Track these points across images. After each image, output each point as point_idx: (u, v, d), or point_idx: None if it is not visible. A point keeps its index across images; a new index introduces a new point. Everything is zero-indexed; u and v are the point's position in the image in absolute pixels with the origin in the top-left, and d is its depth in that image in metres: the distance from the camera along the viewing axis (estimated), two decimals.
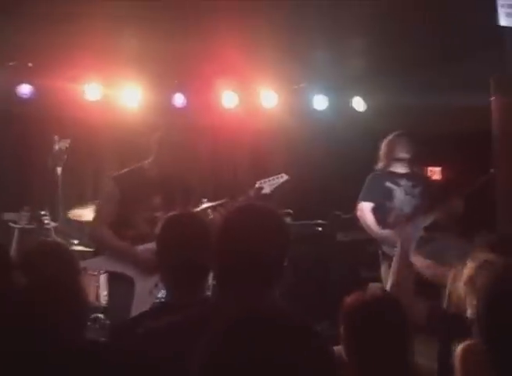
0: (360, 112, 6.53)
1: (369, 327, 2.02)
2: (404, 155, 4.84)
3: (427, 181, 5.28)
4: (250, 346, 1.06)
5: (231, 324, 1.12)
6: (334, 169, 6.75)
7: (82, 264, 3.62)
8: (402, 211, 4.76)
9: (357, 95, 6.54)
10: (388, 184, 4.84)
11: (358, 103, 6.54)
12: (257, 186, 4.06)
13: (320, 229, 6.27)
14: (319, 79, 6.42)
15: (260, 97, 6.42)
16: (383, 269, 4.77)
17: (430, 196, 4.83)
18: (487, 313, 1.35)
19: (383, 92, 6.23)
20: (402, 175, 4.88)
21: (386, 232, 4.68)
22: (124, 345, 1.92)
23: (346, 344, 2.08)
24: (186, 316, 1.79)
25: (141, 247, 3.60)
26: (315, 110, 6.57)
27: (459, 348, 2.31)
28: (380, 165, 4.95)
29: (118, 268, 3.64)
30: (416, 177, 4.94)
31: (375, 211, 4.80)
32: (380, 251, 4.80)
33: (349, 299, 2.15)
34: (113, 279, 3.75)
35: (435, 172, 6.81)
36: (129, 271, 3.59)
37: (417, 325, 2.32)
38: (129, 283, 3.55)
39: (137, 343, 1.83)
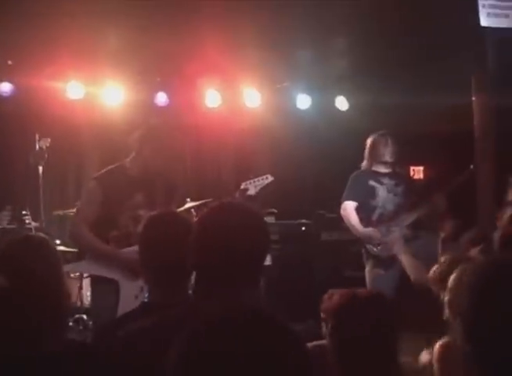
0: (343, 111, 6.56)
1: (356, 324, 2.02)
2: (388, 159, 4.87)
3: (410, 180, 5.33)
4: (230, 344, 1.06)
5: (210, 322, 1.11)
6: (318, 168, 6.77)
7: (65, 268, 3.59)
8: (385, 210, 4.80)
9: (340, 94, 6.56)
10: (371, 182, 4.86)
11: (341, 103, 6.56)
12: (242, 187, 4.05)
13: (304, 228, 6.28)
14: (302, 78, 6.43)
15: (243, 96, 6.42)
16: (367, 268, 4.79)
17: (412, 194, 4.86)
18: (474, 312, 1.35)
19: (365, 91, 6.26)
20: (384, 174, 4.91)
21: (369, 230, 4.70)
22: (107, 346, 1.90)
23: (331, 341, 2.08)
24: (168, 316, 1.78)
25: (125, 250, 3.57)
26: (298, 109, 6.58)
27: (437, 345, 2.33)
28: (363, 164, 4.98)
29: (103, 272, 3.59)
30: (399, 176, 4.97)
31: (358, 209, 4.80)
32: (363, 250, 4.82)
33: (334, 296, 2.13)
34: (98, 283, 3.70)
35: (418, 171, 6.86)
36: (114, 275, 3.54)
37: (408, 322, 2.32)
38: (114, 287, 3.51)
39: (119, 345, 1.81)
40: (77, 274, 4.93)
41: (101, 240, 3.63)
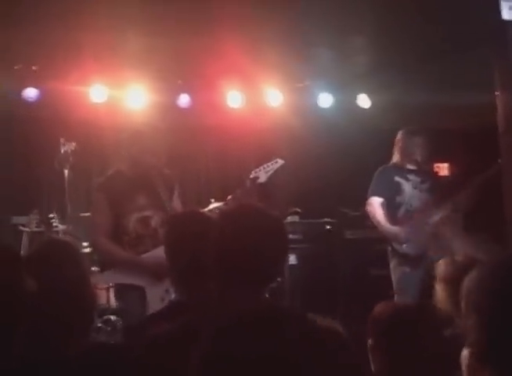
0: (365, 109, 6.53)
1: (404, 338, 1.95)
2: (417, 158, 4.84)
3: (436, 176, 5.29)
4: (254, 342, 1.06)
5: (233, 322, 1.12)
6: (341, 167, 6.75)
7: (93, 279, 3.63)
8: (410, 206, 4.76)
9: (362, 92, 6.53)
10: (397, 178, 4.83)
11: (364, 100, 6.53)
12: (252, 176, 4.03)
13: (328, 227, 6.27)
14: (324, 77, 6.41)
15: (265, 96, 6.42)
16: (392, 265, 4.75)
17: (438, 191, 4.82)
18: (490, 312, 1.32)
19: (388, 88, 6.21)
20: (410, 170, 4.88)
21: (395, 228, 4.66)
22: (135, 348, 1.92)
23: (377, 355, 2.03)
24: (195, 316, 1.79)
25: (144, 256, 3.60)
26: (320, 108, 6.56)
27: (464, 353, 2.28)
28: (394, 160, 4.93)
29: (127, 279, 3.63)
30: (425, 173, 4.94)
31: (384, 205, 4.77)
32: (389, 248, 4.79)
33: (380, 309, 2.08)
34: (124, 291, 3.74)
35: (442, 168, 6.80)
36: (138, 281, 3.58)
37: None
38: (140, 293, 3.54)
39: (146, 346, 1.83)
40: (105, 286, 4.98)
41: (117, 245, 3.67)
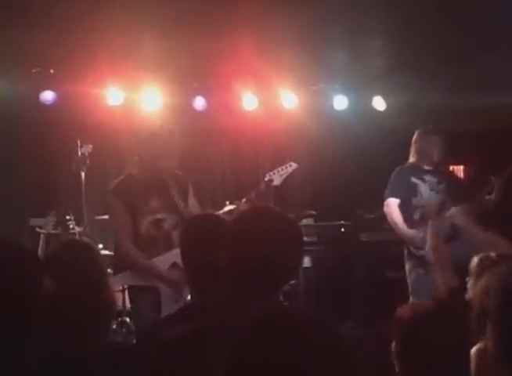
0: (381, 111, 6.51)
1: (428, 341, 1.90)
2: (435, 159, 4.81)
3: (452, 177, 5.24)
4: (276, 345, 1.07)
5: (255, 324, 1.12)
6: (356, 169, 6.74)
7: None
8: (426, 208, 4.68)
9: (377, 94, 6.52)
10: (413, 179, 4.80)
11: (379, 103, 6.52)
12: (266, 178, 4.05)
13: (343, 229, 6.26)
14: (339, 79, 6.40)
15: (280, 98, 6.43)
16: (407, 267, 4.73)
17: (455, 192, 4.76)
18: (504, 314, 1.33)
19: (403, 90, 6.20)
20: (427, 171, 4.85)
21: (412, 232, 4.63)
22: (148, 349, 1.93)
23: (400, 358, 1.98)
24: (206, 319, 1.80)
25: (155, 260, 3.62)
26: (335, 110, 6.56)
27: (473, 350, 2.27)
28: (411, 160, 4.91)
29: (142, 281, 3.65)
30: (441, 173, 4.90)
31: (401, 207, 4.74)
32: (405, 250, 4.76)
33: (402, 312, 2.02)
34: (138, 293, 3.76)
35: (458, 170, 6.77)
36: (153, 282, 3.60)
37: None
38: (155, 294, 3.56)
39: (160, 348, 1.83)
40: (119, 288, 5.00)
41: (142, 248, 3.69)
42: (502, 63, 4.85)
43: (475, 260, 2.72)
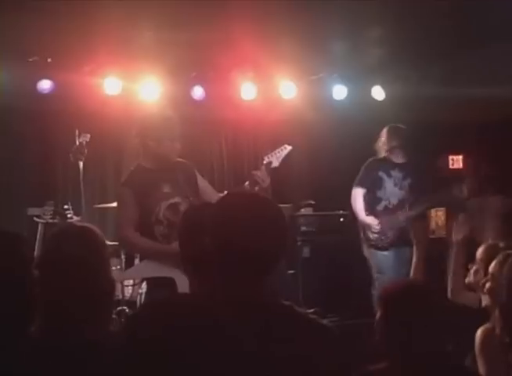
0: (380, 101, 6.49)
1: (412, 314, 2.05)
2: (395, 143, 5.05)
3: (421, 173, 5.33)
4: (257, 333, 1.06)
5: (231, 312, 1.11)
6: (355, 159, 6.72)
7: (119, 277, 3.61)
8: (389, 203, 5.13)
9: (376, 84, 6.50)
10: (380, 173, 5.17)
11: (378, 92, 6.50)
12: (266, 161, 4.08)
13: (342, 219, 6.26)
14: (338, 69, 6.38)
15: (278, 88, 6.41)
16: (364, 248, 5.25)
17: (418, 188, 5.12)
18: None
19: (403, 80, 6.18)
20: (395, 165, 5.15)
21: (370, 219, 5.11)
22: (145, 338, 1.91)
23: (381, 331, 2.10)
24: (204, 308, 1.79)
25: (174, 244, 3.61)
26: (334, 100, 6.54)
27: (478, 332, 2.35)
28: (381, 154, 5.26)
29: (156, 272, 3.66)
30: (410, 168, 5.10)
31: (365, 197, 5.20)
32: (361, 234, 5.22)
33: (388, 286, 2.22)
34: (154, 285, 3.77)
35: (457, 160, 6.77)
36: (167, 272, 3.59)
37: None
38: (170, 284, 3.55)
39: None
40: (131, 282, 5.01)
41: (150, 238, 3.70)
42: (503, 56, 4.83)
43: (481, 248, 2.80)
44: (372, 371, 2.12)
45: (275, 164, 4.10)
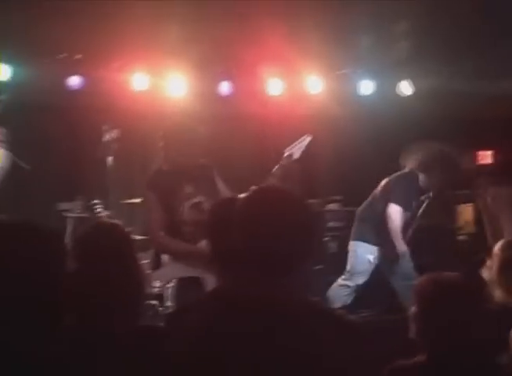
0: (407, 96, 6.44)
1: (445, 308, 2.05)
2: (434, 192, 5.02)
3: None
4: (268, 331, 1.05)
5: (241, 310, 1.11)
6: (381, 154, 6.69)
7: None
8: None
9: (404, 78, 6.45)
10: (413, 202, 4.99)
11: (406, 87, 6.44)
12: (286, 153, 4.07)
13: None
14: (365, 64, 6.34)
15: (305, 83, 6.39)
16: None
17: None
18: None
19: (431, 74, 6.12)
20: (418, 193, 5.03)
21: (405, 248, 4.86)
22: (173, 332, 1.93)
23: (419, 325, 2.10)
24: (234, 303, 1.79)
25: (202, 243, 3.64)
26: (360, 96, 6.50)
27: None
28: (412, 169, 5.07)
29: (183, 272, 3.69)
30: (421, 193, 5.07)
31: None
32: (359, 244, 5.05)
33: (423, 279, 2.18)
34: (182, 286, 3.81)
35: (486, 156, 6.69)
36: (195, 272, 3.62)
37: None
38: (198, 284, 3.58)
39: (184, 331, 1.83)
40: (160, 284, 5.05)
41: (179, 238, 3.73)
42: None
43: (499, 244, 2.80)
44: (407, 366, 2.10)
45: (296, 155, 4.08)
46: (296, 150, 4.08)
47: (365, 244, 5.06)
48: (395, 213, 4.85)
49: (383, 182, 5.17)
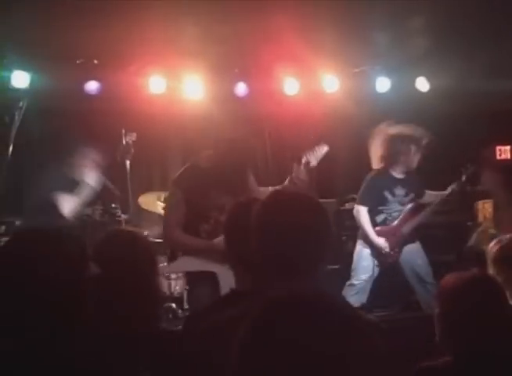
0: (424, 93, 6.40)
1: (468, 308, 2.03)
2: (404, 166, 5.05)
3: (419, 186, 5.30)
4: (293, 332, 1.05)
5: (272, 308, 1.12)
6: None
7: (164, 270, 3.63)
8: (390, 216, 5.11)
9: (421, 75, 6.40)
10: (386, 193, 5.11)
11: (422, 84, 6.40)
12: (304, 160, 4.08)
13: None
14: (381, 61, 6.31)
15: (321, 82, 6.38)
16: (360, 247, 5.16)
17: (417, 202, 5.14)
18: None
19: (448, 71, 6.07)
20: (398, 180, 5.11)
21: (381, 241, 5.03)
22: (190, 335, 1.94)
23: (442, 325, 2.09)
24: (251, 304, 1.80)
25: (217, 240, 3.66)
26: (377, 93, 6.47)
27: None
28: (378, 166, 5.17)
29: (198, 266, 3.71)
30: (411, 182, 5.13)
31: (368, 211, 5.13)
32: (360, 242, 5.14)
33: (447, 279, 2.16)
34: (196, 280, 3.82)
35: (504, 151, 6.62)
36: (210, 267, 3.64)
37: None
38: (212, 279, 3.60)
39: (201, 333, 1.85)
40: (174, 276, 5.08)
41: (194, 235, 3.74)
42: None
43: (493, 247, 2.78)
44: (435, 366, 2.09)
45: (314, 163, 4.11)
46: (314, 157, 4.10)
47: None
48: (356, 213, 5.13)
49: None
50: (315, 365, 1.04)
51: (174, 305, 5.02)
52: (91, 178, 4.93)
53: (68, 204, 4.79)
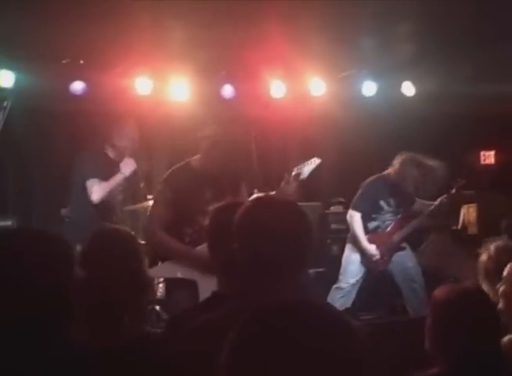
0: (410, 97, 6.44)
1: (461, 320, 2.04)
2: (408, 190, 5.08)
3: (410, 198, 5.35)
4: (281, 337, 1.06)
5: (260, 316, 1.12)
6: (385, 156, 6.68)
7: None
8: (382, 223, 5.20)
9: (407, 79, 6.44)
10: (381, 203, 5.19)
11: (408, 88, 6.44)
12: (295, 172, 4.08)
13: None
14: (368, 65, 6.34)
15: (308, 85, 6.39)
16: (349, 251, 5.21)
17: (407, 214, 5.25)
18: None
19: (433, 76, 6.12)
20: (393, 193, 5.18)
21: (372, 248, 5.09)
22: (174, 338, 1.95)
23: (434, 336, 2.09)
24: (233, 308, 1.81)
25: (199, 248, 3.64)
26: (363, 97, 6.50)
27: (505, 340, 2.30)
28: (386, 174, 5.22)
29: (179, 273, 3.69)
30: (402, 194, 5.18)
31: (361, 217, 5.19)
32: (349, 246, 5.19)
33: (439, 291, 2.17)
34: (175, 286, 3.80)
35: (488, 156, 6.68)
36: (190, 274, 3.62)
37: None
38: (192, 286, 3.58)
39: (184, 337, 1.85)
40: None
41: (177, 238, 3.71)
42: None
43: (484, 258, 2.78)
44: None
45: (304, 175, 4.11)
46: (305, 170, 4.10)
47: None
48: (350, 218, 5.17)
49: None
50: (306, 369, 1.04)
51: (158, 307, 5.01)
52: (127, 164, 4.88)
53: (98, 189, 4.76)
